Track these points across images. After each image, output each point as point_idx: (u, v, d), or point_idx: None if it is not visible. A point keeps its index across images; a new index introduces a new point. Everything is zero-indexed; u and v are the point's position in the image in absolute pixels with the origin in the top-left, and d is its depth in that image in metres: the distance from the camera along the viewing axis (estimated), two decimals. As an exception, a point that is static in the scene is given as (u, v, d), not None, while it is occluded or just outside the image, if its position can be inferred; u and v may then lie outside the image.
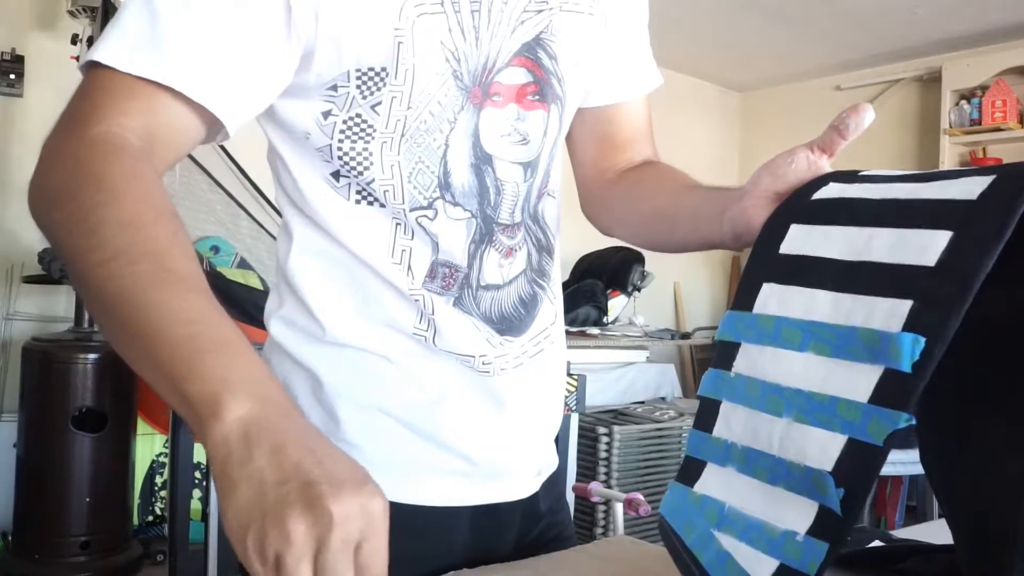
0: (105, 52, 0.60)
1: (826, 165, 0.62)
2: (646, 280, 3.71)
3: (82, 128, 0.59)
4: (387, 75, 0.67)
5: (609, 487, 2.78)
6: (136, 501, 2.90)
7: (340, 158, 0.70)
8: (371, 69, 0.67)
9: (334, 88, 0.68)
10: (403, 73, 0.68)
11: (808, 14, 4.01)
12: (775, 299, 0.57)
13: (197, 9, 0.61)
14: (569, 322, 3.37)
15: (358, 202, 0.72)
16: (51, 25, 3.09)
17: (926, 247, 0.48)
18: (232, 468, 0.44)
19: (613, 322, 3.62)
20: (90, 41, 2.68)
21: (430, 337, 0.74)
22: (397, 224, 0.73)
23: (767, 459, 0.53)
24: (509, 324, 0.78)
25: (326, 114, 0.69)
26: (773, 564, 0.50)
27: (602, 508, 2.93)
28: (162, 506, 3.01)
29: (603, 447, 3.05)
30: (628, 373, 3.55)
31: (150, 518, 3.01)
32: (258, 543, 0.42)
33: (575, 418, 2.63)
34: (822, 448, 0.49)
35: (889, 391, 0.47)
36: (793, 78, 4.97)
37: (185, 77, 0.61)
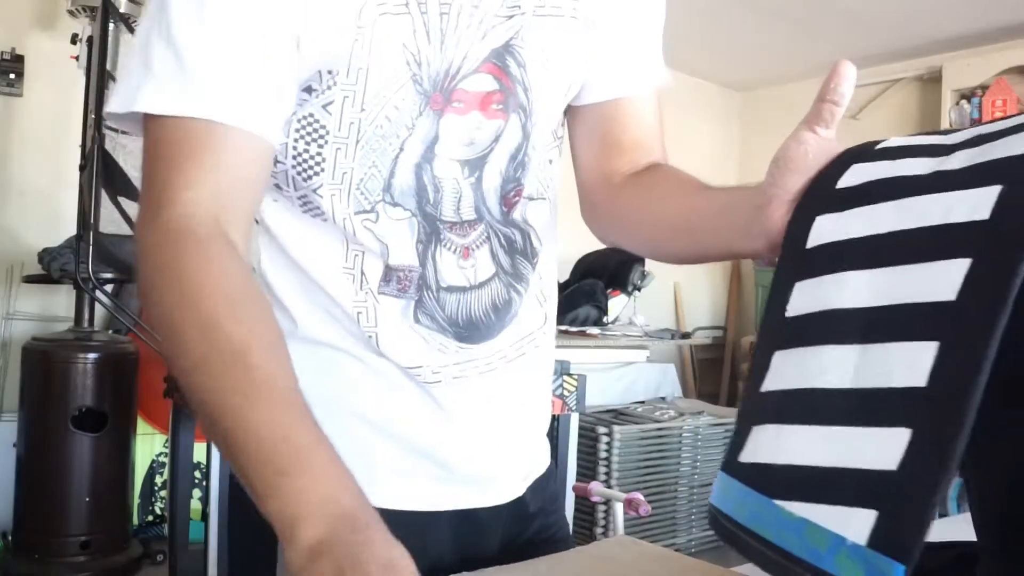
0: (148, 99, 0.61)
1: (835, 140, 0.59)
2: (646, 280, 3.71)
3: (155, 215, 0.60)
4: (337, 74, 0.66)
5: (609, 487, 2.78)
6: (136, 501, 2.90)
7: (294, 158, 0.69)
8: (335, 69, 0.66)
9: (308, 90, 0.67)
10: (355, 72, 0.66)
11: (808, 14, 4.01)
12: (809, 296, 0.52)
13: (218, 34, 0.61)
14: (569, 322, 3.37)
15: (304, 212, 0.72)
16: (51, 25, 3.09)
17: (977, 203, 0.44)
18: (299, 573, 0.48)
19: (613, 322, 3.62)
20: (90, 41, 2.68)
21: (376, 348, 0.74)
22: (344, 236, 0.71)
23: (835, 397, 0.47)
24: (475, 330, 0.76)
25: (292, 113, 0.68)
26: (870, 515, 0.42)
27: (602, 508, 2.93)
28: (162, 506, 3.01)
29: (603, 447, 3.05)
30: (628, 373, 3.56)
31: (150, 518, 3.01)
32: None
33: (575, 418, 2.63)
34: (910, 365, 0.43)
35: (980, 281, 0.41)
36: (793, 78, 4.97)
37: (239, 111, 0.61)
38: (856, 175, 0.54)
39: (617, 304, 3.64)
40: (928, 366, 0.42)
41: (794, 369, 0.51)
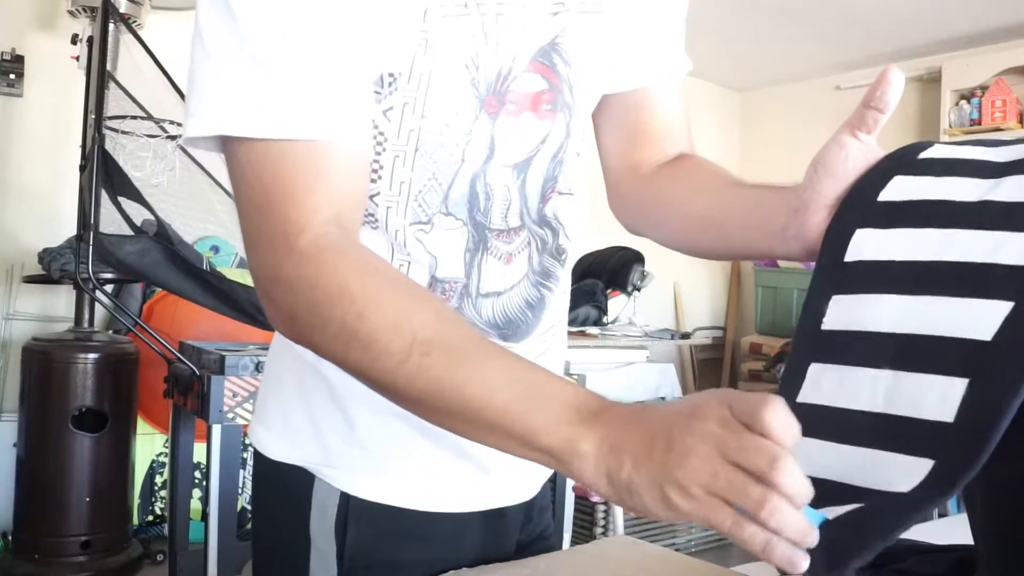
0: (239, 122, 0.58)
1: (876, 146, 0.58)
2: (646, 280, 3.71)
3: (290, 248, 0.58)
4: (399, 79, 0.64)
5: (609, 487, 2.77)
6: (136, 501, 2.90)
7: None
8: (397, 73, 0.64)
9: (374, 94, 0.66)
10: (416, 78, 0.64)
11: (808, 14, 4.00)
12: (845, 312, 0.53)
13: (300, 48, 0.58)
14: (569, 322, 3.37)
15: None
16: (51, 25, 3.09)
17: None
18: (622, 475, 0.49)
19: (613, 322, 3.62)
20: (90, 41, 2.68)
21: None
22: (391, 245, 0.70)
23: (866, 419, 0.48)
24: (515, 328, 0.76)
25: None
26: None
27: (602, 508, 2.93)
28: (162, 506, 3.01)
29: (603, 447, 3.04)
30: (628, 373, 3.55)
31: (150, 518, 3.01)
32: (684, 497, 0.46)
33: (575, 418, 2.63)
34: (939, 398, 0.44)
35: (1020, 327, 0.42)
36: (793, 78, 4.97)
37: (336, 125, 0.60)
38: (900, 189, 0.54)
39: (617, 304, 3.64)
40: (957, 402, 0.43)
41: (830, 386, 0.52)
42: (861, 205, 0.55)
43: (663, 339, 3.87)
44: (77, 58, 2.79)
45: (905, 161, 0.56)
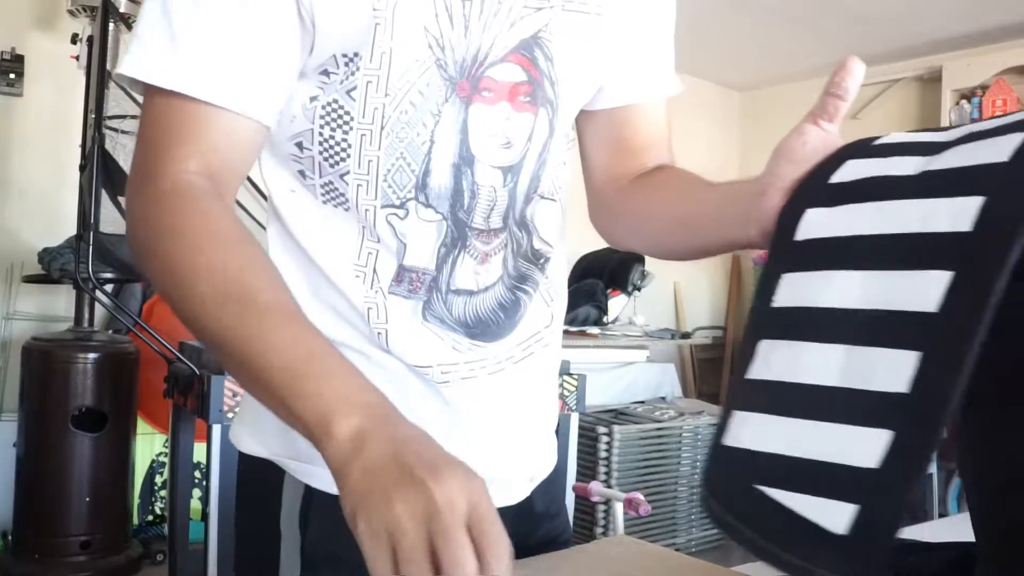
0: (141, 68, 0.63)
1: (837, 134, 0.59)
2: (646, 280, 3.71)
3: (151, 185, 0.63)
4: (359, 58, 0.66)
5: (609, 487, 2.77)
6: (136, 501, 2.90)
7: (320, 144, 0.69)
8: (355, 53, 0.66)
9: (325, 73, 0.68)
10: (378, 56, 0.66)
11: (808, 14, 4.00)
12: (796, 290, 0.53)
13: (215, 13, 0.62)
14: (569, 322, 3.37)
15: (325, 202, 0.71)
16: (51, 25, 3.09)
17: (959, 213, 0.45)
18: (346, 464, 0.49)
19: (613, 322, 3.62)
20: (90, 41, 2.68)
21: (384, 346, 0.73)
22: (363, 227, 0.71)
23: (820, 392, 0.48)
24: (485, 328, 0.76)
25: (312, 98, 0.68)
26: (850, 509, 0.44)
27: (602, 508, 2.93)
28: (162, 506, 3.01)
29: (603, 447, 3.05)
30: (628, 373, 3.55)
31: (150, 518, 3.01)
32: (369, 523, 0.46)
33: (575, 418, 2.63)
34: (893, 371, 0.44)
35: (962, 295, 0.43)
36: (793, 78, 4.96)
37: (228, 92, 0.63)
38: (849, 171, 0.55)
39: (617, 304, 3.64)
40: (910, 375, 0.44)
41: (780, 361, 0.52)
42: (813, 187, 0.57)
43: (663, 339, 3.87)
44: (77, 58, 2.79)
45: (859, 146, 0.57)
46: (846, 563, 0.43)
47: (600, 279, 3.63)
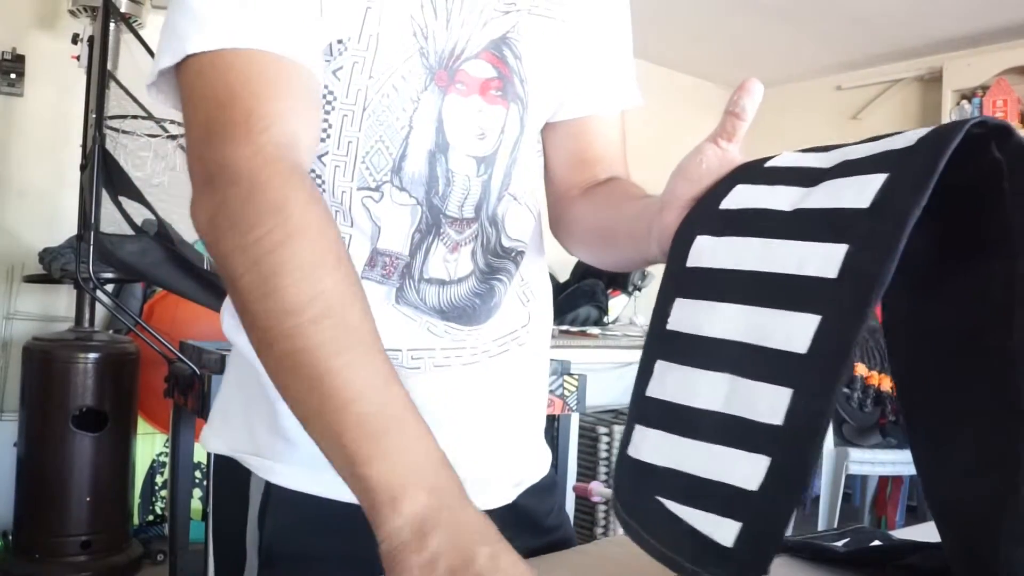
0: (214, 37, 0.59)
1: (736, 154, 0.59)
2: (646, 280, 3.71)
3: (250, 138, 0.56)
4: (349, 41, 0.67)
5: (609, 487, 2.77)
6: (136, 501, 2.90)
7: None
8: (347, 37, 0.67)
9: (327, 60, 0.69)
10: (366, 39, 0.67)
11: (808, 14, 4.00)
12: (686, 316, 0.56)
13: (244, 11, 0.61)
14: (569, 322, 3.37)
15: None
16: (52, 24, 3.10)
17: (828, 258, 0.48)
18: (406, 556, 0.46)
19: (613, 322, 3.62)
20: (91, 41, 2.68)
21: None
22: (337, 212, 0.71)
23: (708, 416, 0.51)
24: (461, 312, 0.76)
25: None
26: (735, 526, 0.48)
27: (602, 508, 2.93)
28: (162, 506, 3.01)
29: (603, 447, 3.05)
30: (628, 373, 3.55)
31: (150, 518, 3.01)
32: None
33: (575, 418, 2.63)
34: (770, 404, 0.48)
35: (828, 339, 0.46)
36: (793, 78, 4.97)
37: (300, 48, 0.62)
38: (738, 197, 0.57)
39: (617, 304, 3.64)
40: (784, 409, 0.47)
41: (674, 383, 0.55)
42: (704, 212, 0.58)
43: (663, 339, 3.86)
44: (78, 58, 2.79)
45: (750, 169, 0.58)
46: (734, 572, 0.47)
47: (600, 279, 3.63)
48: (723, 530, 0.48)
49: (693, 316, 0.55)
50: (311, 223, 0.54)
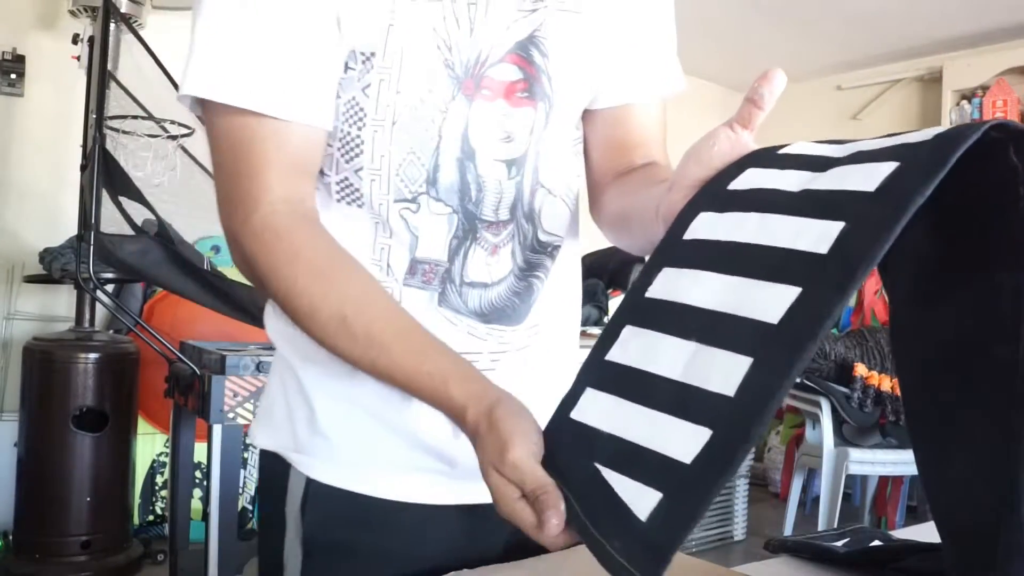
0: (227, 91, 0.66)
1: (750, 141, 0.59)
2: (646, 280, 3.71)
3: (245, 220, 0.68)
4: (375, 57, 0.70)
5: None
6: (136, 501, 2.90)
7: (339, 140, 0.72)
8: (372, 52, 0.70)
9: (345, 68, 0.71)
10: (391, 55, 0.70)
11: (808, 14, 4.01)
12: (669, 284, 0.55)
13: (266, 28, 0.66)
14: (569, 322, 3.37)
15: (339, 200, 0.74)
16: (52, 25, 3.10)
17: (823, 235, 0.47)
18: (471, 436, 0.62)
19: (613, 322, 3.62)
20: (91, 41, 2.68)
21: None
22: (376, 223, 0.74)
23: (663, 384, 0.50)
24: (500, 314, 0.78)
25: (335, 96, 0.71)
26: (655, 496, 0.47)
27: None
28: (162, 506, 3.01)
29: (603, 447, 3.04)
30: (628, 373, 3.55)
31: (150, 518, 3.01)
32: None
33: (575, 418, 2.62)
34: (726, 374, 0.46)
35: (802, 313, 0.45)
36: (793, 78, 4.96)
37: (297, 106, 0.68)
38: (747, 179, 0.56)
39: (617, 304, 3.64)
40: (739, 379, 0.45)
41: (637, 348, 0.54)
42: (712, 192, 0.58)
43: (663, 339, 3.86)
44: (78, 58, 2.79)
45: (762, 155, 0.57)
46: (636, 546, 0.46)
47: (600, 279, 3.63)
48: (643, 500, 0.47)
49: (675, 283, 0.54)
50: (297, 272, 0.67)
